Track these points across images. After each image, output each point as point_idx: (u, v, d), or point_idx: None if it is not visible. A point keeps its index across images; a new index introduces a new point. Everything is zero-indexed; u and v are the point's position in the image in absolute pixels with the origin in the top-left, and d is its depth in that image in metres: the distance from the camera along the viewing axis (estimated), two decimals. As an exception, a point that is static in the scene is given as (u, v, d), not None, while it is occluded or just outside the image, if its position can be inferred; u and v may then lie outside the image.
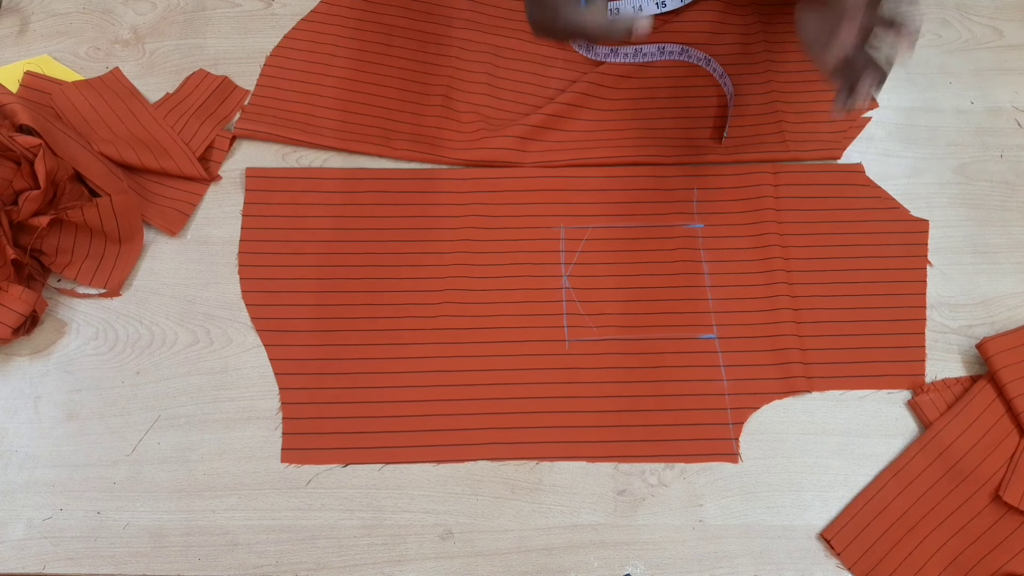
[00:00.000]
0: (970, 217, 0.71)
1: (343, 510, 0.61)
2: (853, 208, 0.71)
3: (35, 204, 0.66)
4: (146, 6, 0.81)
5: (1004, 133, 0.75)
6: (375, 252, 0.69)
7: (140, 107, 0.74)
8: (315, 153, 0.74)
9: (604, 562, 0.60)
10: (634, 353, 0.66)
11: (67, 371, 0.65)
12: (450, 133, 0.74)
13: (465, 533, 0.60)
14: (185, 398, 0.64)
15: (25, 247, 0.66)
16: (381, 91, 0.76)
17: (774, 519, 0.61)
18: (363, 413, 0.64)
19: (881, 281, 0.68)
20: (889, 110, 0.76)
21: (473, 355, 0.66)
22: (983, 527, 0.60)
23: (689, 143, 0.74)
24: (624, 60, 0.77)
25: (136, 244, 0.69)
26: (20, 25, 0.80)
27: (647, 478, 0.62)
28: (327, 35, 0.79)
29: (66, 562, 0.59)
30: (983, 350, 0.64)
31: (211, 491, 0.61)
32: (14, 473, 0.62)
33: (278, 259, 0.69)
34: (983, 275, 0.69)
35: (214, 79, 0.76)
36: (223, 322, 0.67)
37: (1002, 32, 0.80)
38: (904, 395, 0.65)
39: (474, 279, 0.68)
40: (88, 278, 0.68)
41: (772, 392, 0.65)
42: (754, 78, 0.76)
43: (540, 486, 0.62)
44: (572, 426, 0.63)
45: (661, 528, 0.61)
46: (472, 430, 0.63)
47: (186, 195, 0.72)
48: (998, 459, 0.61)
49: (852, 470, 0.62)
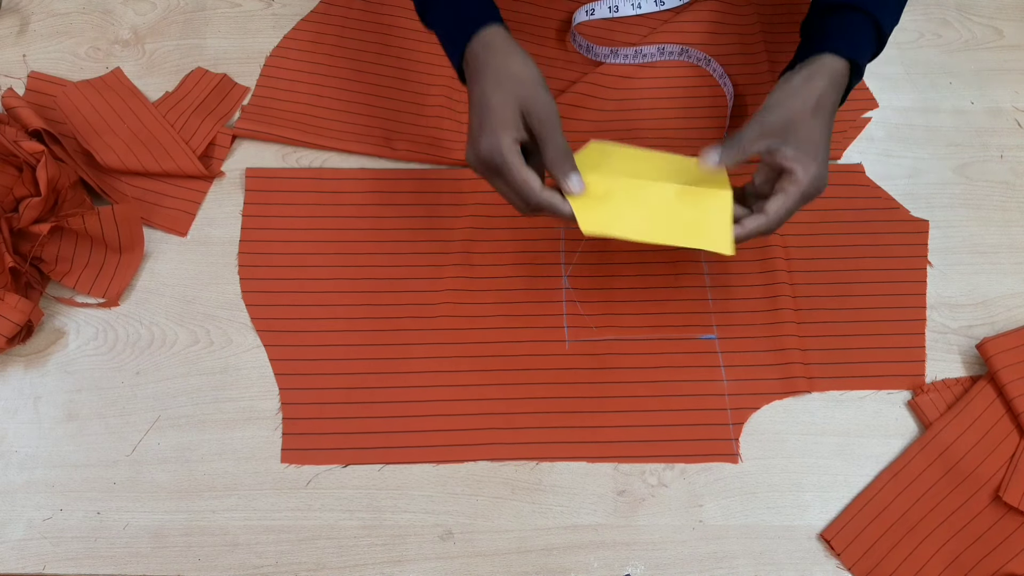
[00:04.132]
0: (970, 217, 0.71)
1: (343, 510, 0.61)
2: (853, 208, 0.71)
3: (36, 211, 0.65)
4: (146, 6, 0.81)
5: (1004, 133, 0.75)
6: (375, 252, 0.69)
7: (141, 106, 0.74)
8: (315, 153, 0.74)
9: (604, 562, 0.60)
10: (634, 353, 0.66)
11: (67, 371, 0.65)
12: (450, 133, 0.74)
13: (465, 533, 0.60)
14: (185, 398, 0.64)
15: (25, 255, 0.66)
16: (381, 91, 0.76)
17: (774, 519, 0.61)
18: (363, 413, 0.64)
19: (881, 281, 0.68)
20: (889, 110, 0.76)
21: (473, 355, 0.66)
22: (983, 527, 0.60)
23: (689, 143, 0.74)
24: (624, 61, 0.77)
25: (136, 254, 0.69)
26: (20, 25, 0.80)
27: (647, 478, 0.62)
28: (327, 35, 0.79)
29: (66, 562, 0.59)
30: (983, 350, 0.64)
31: (211, 491, 0.61)
32: (14, 473, 0.62)
33: (278, 259, 0.69)
34: (983, 275, 0.69)
35: (213, 77, 0.76)
36: (223, 322, 0.67)
37: (1002, 32, 0.80)
38: (904, 395, 0.65)
39: (474, 279, 0.68)
40: (87, 287, 0.67)
41: (772, 392, 0.65)
42: (754, 78, 0.76)
43: (540, 486, 0.62)
44: (572, 426, 0.63)
45: (661, 528, 0.61)
46: (472, 430, 0.63)
47: (190, 194, 0.72)
48: (998, 459, 0.61)
49: (852, 470, 0.62)
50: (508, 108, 0.55)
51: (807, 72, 0.57)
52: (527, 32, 0.79)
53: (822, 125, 0.57)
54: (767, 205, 0.56)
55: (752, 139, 0.56)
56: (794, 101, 0.56)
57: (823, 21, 0.60)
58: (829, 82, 0.57)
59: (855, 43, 0.58)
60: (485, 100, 0.55)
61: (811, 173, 0.56)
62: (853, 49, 0.58)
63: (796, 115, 0.56)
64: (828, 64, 0.57)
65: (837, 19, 0.59)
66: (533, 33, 0.79)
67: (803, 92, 0.56)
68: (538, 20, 0.80)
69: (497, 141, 0.54)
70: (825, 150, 0.57)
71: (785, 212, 0.56)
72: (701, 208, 0.57)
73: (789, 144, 0.56)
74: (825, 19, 0.60)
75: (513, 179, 0.55)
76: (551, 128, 0.55)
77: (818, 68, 0.57)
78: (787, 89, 0.57)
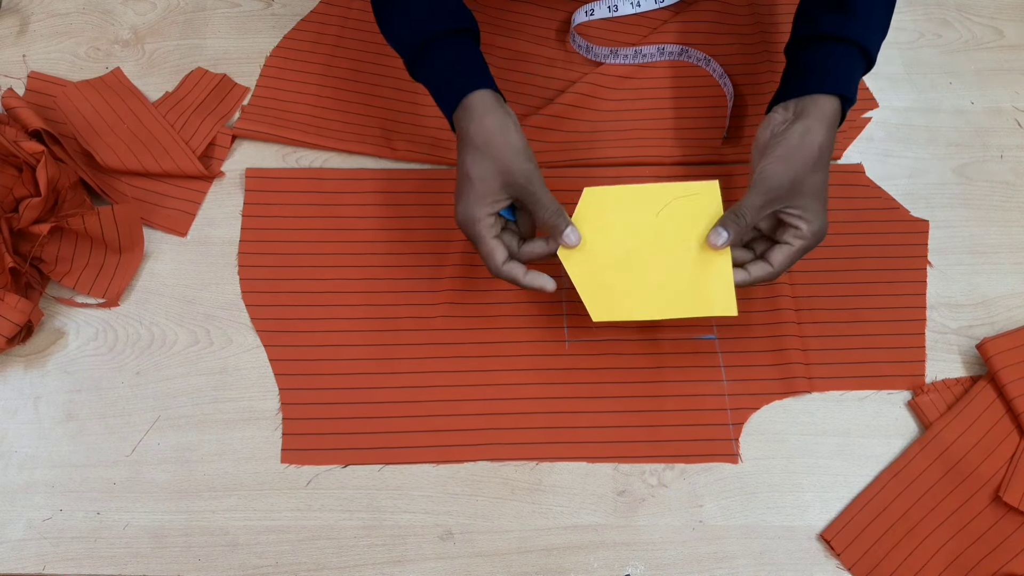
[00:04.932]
0: (970, 217, 0.71)
1: (343, 511, 0.61)
2: (853, 208, 0.71)
3: (36, 211, 0.65)
4: (146, 6, 0.81)
5: (1004, 133, 0.75)
6: (375, 252, 0.69)
7: (141, 106, 0.74)
8: (315, 153, 0.74)
9: (604, 563, 0.59)
10: (634, 354, 0.66)
11: (67, 371, 0.65)
12: (450, 133, 0.74)
13: (465, 534, 0.60)
14: (185, 398, 0.64)
15: (25, 255, 0.66)
16: (381, 91, 0.76)
17: (774, 520, 0.61)
18: (363, 414, 0.64)
19: (881, 281, 0.68)
20: (889, 110, 0.76)
21: (473, 355, 0.66)
22: (983, 527, 0.60)
23: (689, 143, 0.74)
24: (624, 61, 0.77)
25: (136, 254, 0.69)
26: (20, 25, 0.80)
27: (647, 479, 0.62)
28: (327, 35, 0.79)
29: (66, 562, 0.59)
30: (983, 351, 0.64)
31: (211, 491, 0.61)
32: (14, 473, 0.62)
33: (278, 259, 0.69)
34: (983, 275, 0.69)
35: (213, 77, 0.76)
36: (223, 322, 0.67)
37: (1002, 32, 0.80)
38: (904, 395, 0.65)
39: (474, 279, 0.68)
40: (87, 287, 0.67)
41: (772, 392, 0.64)
42: (754, 78, 0.76)
43: (540, 487, 0.62)
44: (572, 427, 0.63)
45: (661, 529, 0.61)
46: (472, 430, 0.63)
47: (190, 194, 0.72)
48: (998, 459, 0.61)
49: (852, 471, 0.62)
50: (488, 181, 0.58)
51: (803, 124, 0.58)
52: (527, 32, 0.79)
53: (822, 175, 0.58)
54: (772, 256, 0.59)
55: (757, 209, 0.58)
56: (795, 160, 0.57)
57: (812, 55, 0.61)
58: (826, 128, 0.58)
59: (846, 79, 0.60)
60: (466, 170, 0.58)
61: (815, 227, 0.58)
62: (845, 85, 0.59)
63: (798, 174, 0.57)
64: (821, 106, 0.58)
65: (825, 52, 0.60)
66: (533, 33, 0.79)
67: (803, 149, 0.57)
68: (538, 21, 0.80)
69: (472, 213, 0.58)
70: (825, 198, 0.59)
71: (789, 263, 0.59)
72: (702, 274, 0.59)
73: (794, 204, 0.58)
74: (813, 52, 0.61)
75: (481, 249, 0.59)
76: (536, 196, 0.58)
77: (813, 114, 0.58)
78: (786, 146, 0.58)
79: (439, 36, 0.60)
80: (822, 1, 0.61)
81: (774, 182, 0.57)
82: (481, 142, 0.57)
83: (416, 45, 0.61)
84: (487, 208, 0.58)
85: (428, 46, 0.60)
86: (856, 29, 0.60)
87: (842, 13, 0.60)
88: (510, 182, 0.57)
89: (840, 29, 0.60)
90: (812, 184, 0.57)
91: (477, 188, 0.57)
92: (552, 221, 0.58)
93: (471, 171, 0.58)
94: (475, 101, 0.58)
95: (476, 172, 0.57)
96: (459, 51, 0.61)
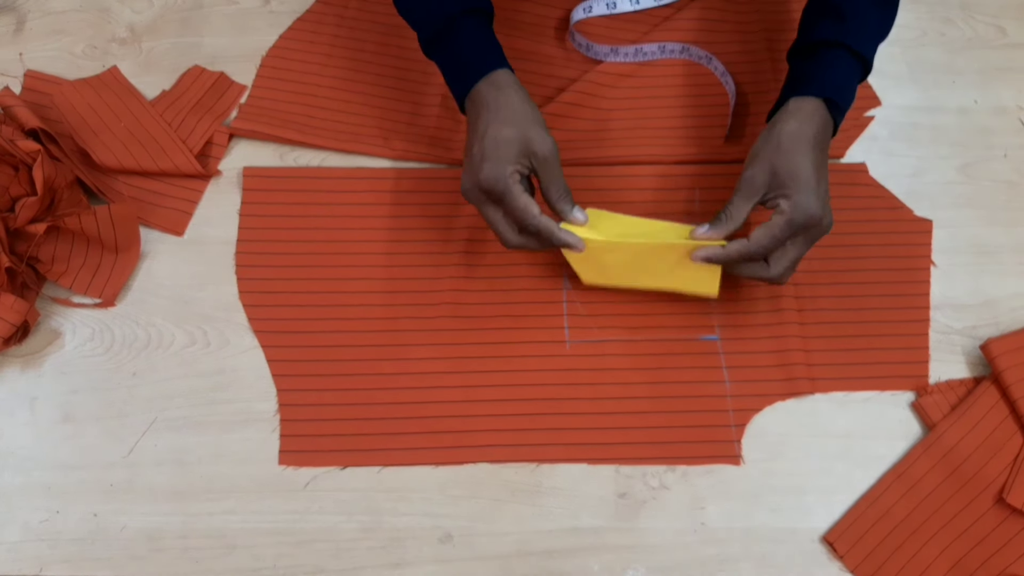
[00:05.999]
0: (974, 217, 0.71)
1: (341, 513, 0.60)
2: (856, 208, 0.70)
3: (32, 211, 0.65)
4: (143, 4, 0.81)
5: (1008, 132, 0.74)
6: (374, 252, 0.69)
7: (138, 105, 0.74)
8: (313, 153, 0.73)
9: (605, 566, 0.59)
10: (635, 354, 0.65)
11: (63, 372, 0.65)
12: (449, 132, 0.74)
13: (464, 536, 0.60)
14: (182, 400, 0.64)
15: (21, 254, 0.66)
16: (379, 91, 0.76)
17: (777, 522, 0.60)
18: (361, 415, 0.63)
19: (884, 282, 0.68)
20: (893, 109, 0.76)
21: (473, 355, 0.65)
22: (987, 529, 0.59)
23: (691, 142, 0.73)
24: (624, 59, 0.77)
25: (133, 254, 0.68)
26: (16, 23, 0.80)
27: (648, 480, 0.62)
28: (324, 34, 0.78)
29: (63, 565, 0.59)
30: (987, 351, 0.63)
31: (208, 494, 0.61)
32: (10, 475, 0.62)
33: (276, 259, 0.69)
34: (987, 275, 0.68)
35: (210, 75, 0.76)
36: (220, 323, 0.66)
37: (1006, 31, 0.80)
38: (908, 397, 0.64)
39: (474, 279, 0.68)
40: (83, 287, 0.67)
41: (775, 394, 0.64)
42: (756, 76, 0.76)
43: (540, 488, 0.61)
44: (573, 428, 0.63)
45: (663, 531, 0.60)
46: (472, 432, 0.63)
47: (187, 193, 0.71)
48: (1002, 461, 0.61)
49: (855, 472, 0.62)
50: (513, 144, 0.59)
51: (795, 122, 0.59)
52: (526, 31, 0.79)
53: (805, 159, 0.58)
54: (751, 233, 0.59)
55: (740, 206, 0.59)
56: (765, 153, 0.59)
57: (805, 61, 0.62)
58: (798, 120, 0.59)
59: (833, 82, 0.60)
60: (491, 133, 0.59)
61: (795, 201, 0.57)
62: (832, 89, 0.60)
63: (777, 162, 0.58)
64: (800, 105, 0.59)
65: (817, 58, 0.61)
66: (532, 31, 0.79)
67: (771, 140, 0.59)
68: (537, 19, 0.79)
69: (502, 169, 0.58)
70: (816, 181, 0.58)
71: (768, 240, 0.58)
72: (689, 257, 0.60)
73: (773, 191, 0.58)
74: (807, 58, 0.62)
75: (515, 204, 0.59)
76: (552, 167, 0.60)
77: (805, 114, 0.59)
78: (761, 145, 0.59)
79: (461, 15, 0.61)
80: (821, 9, 0.63)
81: (754, 180, 0.59)
82: (506, 112, 0.59)
83: (436, 22, 0.62)
84: (515, 166, 0.59)
85: (449, 23, 0.61)
86: (849, 34, 0.60)
87: (837, 19, 0.61)
88: (533, 150, 0.59)
89: (833, 35, 0.61)
90: (792, 166, 0.58)
91: (504, 148, 0.59)
92: (562, 197, 0.61)
93: (497, 134, 0.59)
94: (500, 78, 0.61)
95: (502, 135, 0.59)
96: (481, 30, 0.62)
